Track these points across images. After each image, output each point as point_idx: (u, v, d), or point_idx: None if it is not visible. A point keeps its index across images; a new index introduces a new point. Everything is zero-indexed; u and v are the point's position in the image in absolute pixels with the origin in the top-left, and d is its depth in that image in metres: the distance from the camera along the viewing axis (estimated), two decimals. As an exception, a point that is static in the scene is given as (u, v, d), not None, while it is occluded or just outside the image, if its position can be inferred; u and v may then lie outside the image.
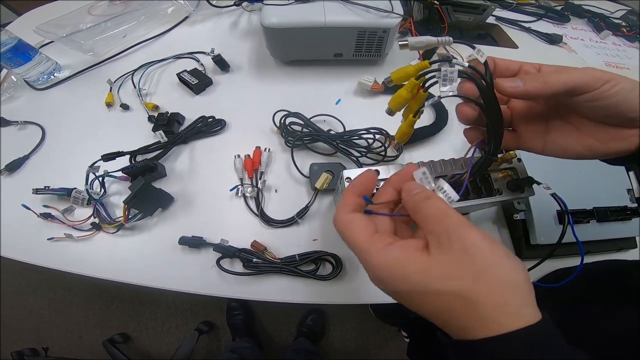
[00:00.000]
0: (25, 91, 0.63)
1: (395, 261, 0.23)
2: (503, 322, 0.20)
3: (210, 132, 0.56)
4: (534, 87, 0.25)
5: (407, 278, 0.22)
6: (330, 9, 0.54)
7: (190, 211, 0.50)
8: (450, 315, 0.21)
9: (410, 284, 0.22)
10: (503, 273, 0.21)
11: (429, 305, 0.22)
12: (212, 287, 0.45)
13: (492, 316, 0.20)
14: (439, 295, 0.21)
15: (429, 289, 0.21)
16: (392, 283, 0.23)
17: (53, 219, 0.49)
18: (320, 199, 0.51)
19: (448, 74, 0.25)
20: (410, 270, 0.22)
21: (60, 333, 1.29)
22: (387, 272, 0.23)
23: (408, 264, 0.22)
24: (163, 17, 0.71)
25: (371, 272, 0.24)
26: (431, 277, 0.21)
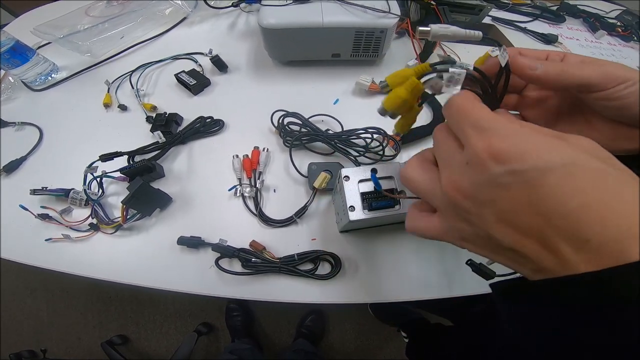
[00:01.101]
0: (23, 92, 0.63)
1: (540, 130, 0.18)
2: None
3: (208, 133, 0.56)
4: (552, 74, 0.24)
5: (561, 147, 0.17)
6: (327, 10, 0.55)
7: (188, 211, 0.50)
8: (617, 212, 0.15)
9: (568, 154, 0.16)
10: None
11: (591, 193, 0.15)
12: (210, 287, 0.45)
13: None
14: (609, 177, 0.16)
15: (596, 166, 0.16)
16: (537, 154, 0.17)
17: (51, 220, 0.48)
18: (319, 199, 0.51)
19: (455, 76, 0.23)
20: (568, 140, 0.17)
21: (59, 335, 1.29)
22: (530, 137, 0.17)
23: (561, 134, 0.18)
24: (161, 18, 0.71)
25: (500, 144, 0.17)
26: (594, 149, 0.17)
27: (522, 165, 0.17)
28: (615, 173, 0.16)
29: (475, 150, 0.18)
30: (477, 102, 0.21)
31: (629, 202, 0.15)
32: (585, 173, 0.16)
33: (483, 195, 0.19)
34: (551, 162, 0.16)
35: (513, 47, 0.26)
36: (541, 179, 0.16)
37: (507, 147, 0.17)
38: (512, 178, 0.17)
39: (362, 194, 0.38)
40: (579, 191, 0.16)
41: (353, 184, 0.38)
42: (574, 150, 0.17)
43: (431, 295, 0.45)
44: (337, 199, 0.44)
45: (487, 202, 0.18)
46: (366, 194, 0.38)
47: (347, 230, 0.48)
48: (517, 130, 0.18)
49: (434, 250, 0.47)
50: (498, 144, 0.18)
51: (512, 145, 0.17)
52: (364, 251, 0.47)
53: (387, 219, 0.41)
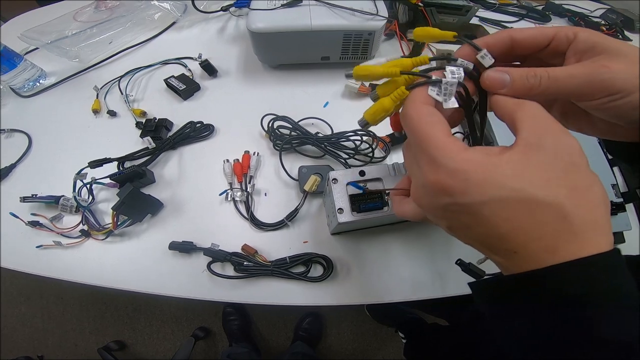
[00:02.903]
0: (11, 98, 0.63)
1: (481, 161, 0.19)
2: (599, 241, 0.18)
3: (198, 138, 0.56)
4: (521, 91, 0.22)
5: (497, 182, 0.18)
6: (316, 13, 0.55)
7: (180, 216, 0.50)
8: (537, 234, 0.18)
9: (502, 188, 0.18)
10: (602, 190, 0.19)
11: (516, 221, 0.18)
12: (203, 291, 0.46)
13: (587, 234, 0.18)
14: (534, 205, 0.18)
15: (524, 196, 0.18)
16: (478, 189, 0.19)
17: (41, 227, 0.48)
18: (310, 201, 0.51)
19: (448, 87, 0.22)
20: (499, 173, 0.19)
21: (55, 341, 1.28)
22: (472, 174, 0.19)
23: (500, 167, 0.19)
24: (150, 23, 0.71)
25: (451, 176, 0.20)
26: (527, 181, 0.18)
27: (464, 199, 0.19)
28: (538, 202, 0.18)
29: (427, 181, 0.21)
30: (429, 121, 0.21)
31: (548, 225, 0.18)
32: (513, 205, 0.18)
33: (435, 212, 0.22)
34: (486, 197, 0.19)
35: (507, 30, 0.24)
36: (479, 210, 0.19)
37: (453, 184, 0.20)
38: (457, 207, 0.20)
39: (350, 196, 0.38)
40: (507, 221, 0.19)
41: (341, 186, 0.38)
42: (508, 183, 0.19)
43: (424, 296, 0.46)
44: (327, 202, 0.44)
45: (439, 217, 0.22)
46: (355, 196, 0.38)
47: (339, 233, 0.48)
48: (463, 165, 0.19)
49: (425, 250, 0.48)
50: (445, 181, 0.20)
51: (457, 182, 0.19)
52: (355, 253, 0.48)
53: (376, 221, 0.41)
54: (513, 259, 0.19)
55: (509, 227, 0.19)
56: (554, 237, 0.18)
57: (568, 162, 0.19)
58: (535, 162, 0.19)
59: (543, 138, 0.19)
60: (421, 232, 0.49)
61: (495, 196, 0.18)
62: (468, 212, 0.20)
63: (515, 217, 0.18)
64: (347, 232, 0.48)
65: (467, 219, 0.20)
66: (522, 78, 0.22)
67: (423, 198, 0.23)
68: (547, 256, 0.18)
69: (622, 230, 0.49)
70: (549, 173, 0.18)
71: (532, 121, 0.20)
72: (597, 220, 0.18)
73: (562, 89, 0.22)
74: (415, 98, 0.23)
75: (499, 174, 0.19)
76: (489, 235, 0.20)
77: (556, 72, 0.22)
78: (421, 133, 0.21)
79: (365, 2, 0.56)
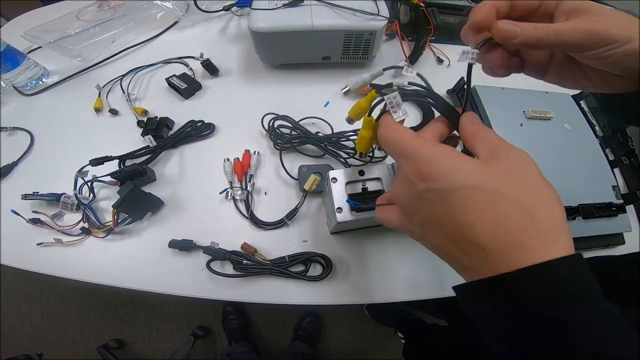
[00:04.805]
0: (14, 97, 0.63)
1: (449, 154, 0.22)
2: (560, 240, 0.19)
3: (199, 136, 0.56)
4: (531, 41, 0.24)
5: (468, 171, 0.21)
6: (317, 13, 0.55)
7: (180, 215, 0.50)
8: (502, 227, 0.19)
9: (470, 177, 0.20)
10: (554, 192, 0.21)
11: (483, 211, 0.20)
12: (203, 289, 0.46)
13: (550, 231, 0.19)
14: (496, 196, 0.20)
15: (487, 187, 0.20)
16: (449, 175, 0.21)
17: (42, 225, 0.48)
18: (310, 201, 0.51)
19: (392, 100, 0.28)
20: (466, 164, 0.21)
21: (54, 339, 1.28)
22: (442, 161, 0.22)
23: (463, 159, 0.22)
24: (152, 22, 0.71)
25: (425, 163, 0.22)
26: (489, 176, 0.20)
27: (436, 185, 0.21)
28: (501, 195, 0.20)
29: (405, 171, 0.24)
30: (397, 130, 0.26)
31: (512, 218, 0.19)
32: (479, 194, 0.20)
33: (412, 205, 0.24)
34: (455, 183, 0.21)
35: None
36: (449, 196, 0.21)
37: (426, 169, 0.22)
38: (431, 194, 0.22)
39: (350, 195, 0.38)
40: (474, 209, 0.20)
41: (340, 185, 0.38)
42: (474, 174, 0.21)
43: (423, 296, 0.46)
44: (327, 201, 0.45)
45: (415, 211, 0.24)
46: (354, 195, 0.38)
47: (338, 232, 0.48)
48: (434, 155, 0.23)
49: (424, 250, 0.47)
50: (419, 167, 0.23)
51: (429, 167, 0.22)
52: (355, 252, 0.48)
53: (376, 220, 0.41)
54: (483, 258, 0.20)
55: (477, 217, 0.20)
56: (520, 231, 0.19)
57: (521, 168, 0.21)
58: (494, 167, 0.21)
59: (496, 152, 0.22)
60: (421, 232, 0.49)
61: (463, 183, 0.20)
62: (440, 198, 0.21)
63: (481, 206, 0.20)
64: (346, 232, 0.48)
65: (439, 207, 0.21)
66: (532, 30, 0.24)
67: (401, 191, 0.25)
68: (516, 253, 0.19)
69: (622, 231, 0.49)
70: (507, 175, 0.20)
71: (485, 142, 0.23)
72: (556, 218, 0.20)
73: (565, 41, 0.24)
74: (384, 121, 0.28)
75: (466, 165, 0.21)
76: (459, 226, 0.21)
77: (559, 27, 0.24)
78: (394, 140, 0.25)
79: (366, 2, 0.56)
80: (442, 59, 0.67)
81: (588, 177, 0.51)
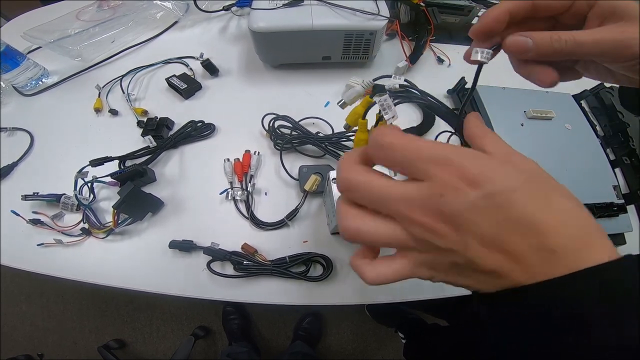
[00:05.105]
0: (14, 97, 0.63)
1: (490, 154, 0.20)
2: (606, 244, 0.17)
3: (199, 137, 0.56)
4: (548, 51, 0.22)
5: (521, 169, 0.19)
6: (317, 13, 0.55)
7: (180, 215, 0.50)
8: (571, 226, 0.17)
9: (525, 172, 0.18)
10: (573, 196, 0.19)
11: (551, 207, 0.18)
12: (203, 290, 0.46)
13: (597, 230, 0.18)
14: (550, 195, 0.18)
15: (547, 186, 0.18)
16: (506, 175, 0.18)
17: (42, 225, 0.48)
18: (310, 201, 0.51)
19: (384, 102, 0.27)
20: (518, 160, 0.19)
21: (55, 340, 1.28)
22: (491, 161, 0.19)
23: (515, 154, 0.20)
24: (152, 22, 0.71)
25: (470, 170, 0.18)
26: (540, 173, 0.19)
27: (494, 188, 0.18)
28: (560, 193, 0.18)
29: (446, 180, 0.18)
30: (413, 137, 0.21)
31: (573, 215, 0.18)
32: (539, 192, 0.18)
33: (463, 221, 0.18)
34: (514, 183, 0.18)
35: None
36: (510, 198, 0.17)
37: (479, 173, 0.18)
38: (487, 201, 0.18)
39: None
40: (539, 208, 0.17)
41: (341, 186, 0.38)
42: (523, 173, 0.18)
43: (424, 296, 0.46)
44: (327, 201, 0.44)
45: (469, 227, 0.18)
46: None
47: (338, 232, 0.48)
48: (478, 157, 0.19)
49: (424, 250, 0.48)
50: (470, 171, 0.18)
51: (481, 171, 0.18)
52: (355, 253, 0.47)
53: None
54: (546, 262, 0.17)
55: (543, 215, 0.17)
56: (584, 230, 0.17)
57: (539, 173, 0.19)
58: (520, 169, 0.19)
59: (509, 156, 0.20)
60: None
61: (524, 180, 0.18)
62: (499, 203, 0.17)
63: (548, 203, 0.17)
64: (347, 232, 0.48)
65: (500, 213, 0.18)
66: (546, 42, 0.22)
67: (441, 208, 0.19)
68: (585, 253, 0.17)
69: (623, 231, 0.49)
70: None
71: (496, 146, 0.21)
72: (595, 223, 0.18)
73: (586, 52, 0.22)
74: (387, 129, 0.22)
75: (514, 162, 0.19)
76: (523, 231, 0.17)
77: (582, 37, 0.22)
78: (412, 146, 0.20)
79: (366, 2, 0.56)
80: (442, 59, 0.66)
81: (589, 177, 0.51)
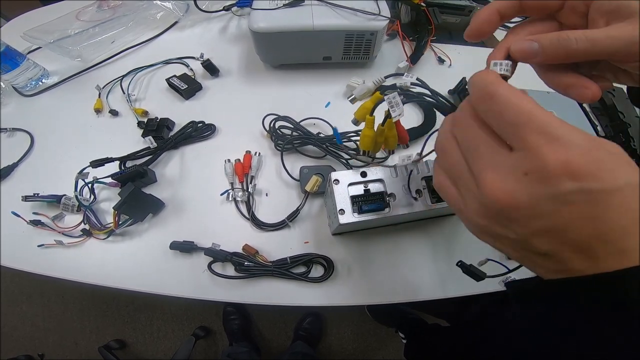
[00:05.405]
0: (14, 98, 0.63)
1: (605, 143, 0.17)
2: None
3: (200, 137, 0.56)
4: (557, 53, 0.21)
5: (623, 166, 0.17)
6: (318, 13, 0.55)
7: (181, 216, 0.50)
8: None
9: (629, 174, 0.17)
10: None
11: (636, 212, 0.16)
12: (204, 291, 0.46)
13: None
14: None
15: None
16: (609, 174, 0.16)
17: (43, 226, 0.48)
18: (311, 202, 0.51)
19: (392, 99, 0.29)
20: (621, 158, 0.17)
21: (56, 340, 1.28)
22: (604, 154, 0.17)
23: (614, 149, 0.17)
24: (152, 22, 0.71)
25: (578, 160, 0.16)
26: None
27: (596, 185, 0.16)
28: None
29: (546, 162, 0.17)
30: (529, 99, 0.19)
31: None
32: (636, 192, 0.16)
33: (541, 209, 0.17)
34: (620, 182, 0.16)
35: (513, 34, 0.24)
36: (608, 198, 0.16)
37: (585, 164, 0.16)
38: (581, 196, 0.16)
39: (352, 197, 0.38)
40: (631, 211, 0.16)
41: (343, 187, 0.38)
42: (633, 169, 0.17)
43: (424, 297, 0.46)
44: (328, 202, 0.44)
45: (543, 215, 0.17)
46: (356, 197, 0.38)
47: (340, 233, 0.48)
48: (589, 143, 0.17)
49: (426, 251, 0.48)
50: (577, 160, 0.16)
51: (589, 162, 0.16)
52: (356, 253, 0.47)
53: (378, 222, 0.41)
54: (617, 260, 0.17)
55: (631, 219, 0.16)
56: None
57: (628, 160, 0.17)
58: None
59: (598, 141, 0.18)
60: (422, 233, 0.49)
61: (626, 182, 0.16)
62: (593, 200, 0.16)
63: (635, 207, 0.16)
64: (348, 233, 0.48)
65: (587, 210, 0.16)
66: (553, 43, 0.20)
67: (522, 189, 0.18)
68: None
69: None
70: None
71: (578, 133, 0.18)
72: None
73: (600, 51, 0.20)
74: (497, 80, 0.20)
75: (622, 159, 0.17)
76: (605, 232, 0.16)
77: (594, 34, 0.20)
78: (525, 107, 0.18)
79: (367, 2, 0.56)
80: (443, 59, 0.66)
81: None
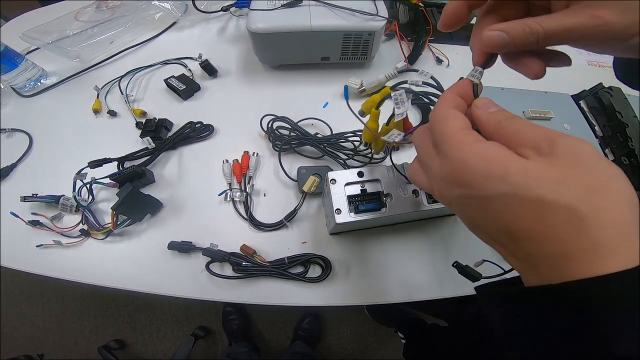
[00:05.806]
0: (12, 98, 0.63)
1: (494, 155, 0.19)
2: (620, 251, 0.16)
3: (198, 138, 0.56)
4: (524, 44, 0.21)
5: (506, 176, 0.18)
6: (315, 14, 0.55)
7: (179, 216, 0.50)
8: (548, 237, 0.17)
9: (510, 184, 0.18)
10: (625, 189, 0.17)
11: (524, 220, 0.18)
12: (202, 291, 0.46)
13: (609, 239, 0.16)
14: (542, 206, 0.17)
15: (531, 195, 0.17)
16: (484, 182, 0.19)
17: (42, 226, 0.48)
18: (309, 202, 0.51)
19: (398, 96, 0.29)
20: (510, 169, 0.18)
21: (55, 340, 1.28)
22: (482, 164, 0.19)
23: (508, 160, 0.18)
24: (150, 23, 0.71)
25: (459, 168, 0.20)
26: (534, 180, 0.17)
27: (472, 192, 0.20)
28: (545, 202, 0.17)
29: (445, 172, 0.21)
30: (452, 119, 0.22)
31: (561, 228, 0.17)
32: (524, 203, 0.18)
33: (454, 207, 0.22)
34: (494, 190, 0.19)
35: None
36: (488, 204, 0.19)
37: (460, 175, 0.20)
38: (468, 200, 0.20)
39: (348, 197, 0.38)
40: (518, 217, 0.18)
41: (340, 187, 0.38)
42: (520, 178, 0.18)
43: (423, 297, 0.46)
44: (326, 202, 0.45)
45: (459, 212, 0.22)
46: (353, 196, 0.38)
47: (337, 233, 0.48)
48: (471, 157, 0.20)
49: (423, 252, 0.48)
50: (454, 172, 0.21)
51: (463, 173, 0.20)
52: (354, 253, 0.48)
53: (375, 222, 0.41)
54: (530, 265, 0.18)
55: (521, 226, 0.18)
56: (571, 242, 0.17)
57: (578, 163, 0.17)
58: (541, 167, 0.18)
59: (550, 145, 0.18)
60: (420, 233, 0.49)
61: (500, 191, 0.18)
62: (478, 205, 0.20)
63: (525, 215, 0.18)
64: (345, 233, 0.48)
65: (479, 213, 0.20)
66: (520, 35, 0.21)
67: (442, 190, 0.23)
68: (567, 263, 0.17)
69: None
70: (558, 175, 0.17)
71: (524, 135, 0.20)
72: (618, 224, 0.16)
73: (558, 40, 0.21)
74: (439, 103, 0.24)
75: (504, 170, 0.18)
76: (502, 233, 0.19)
77: (550, 25, 0.20)
78: (440, 130, 0.22)
79: (365, 3, 0.56)
80: (441, 59, 0.66)
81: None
